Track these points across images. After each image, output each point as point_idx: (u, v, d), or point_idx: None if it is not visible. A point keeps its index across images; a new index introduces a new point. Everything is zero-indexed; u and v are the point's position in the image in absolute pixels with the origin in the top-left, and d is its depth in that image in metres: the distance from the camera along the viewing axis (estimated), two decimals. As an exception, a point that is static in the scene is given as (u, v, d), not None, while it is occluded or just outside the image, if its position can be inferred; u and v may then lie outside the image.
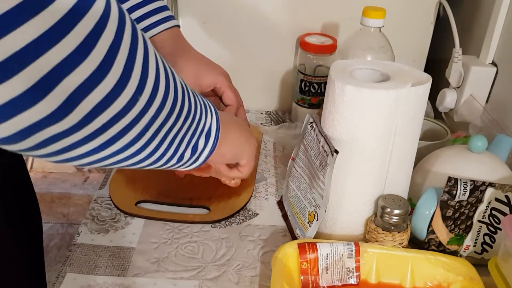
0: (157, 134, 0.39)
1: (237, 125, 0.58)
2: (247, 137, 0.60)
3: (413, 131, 0.58)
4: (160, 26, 0.71)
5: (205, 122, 0.47)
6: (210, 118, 0.49)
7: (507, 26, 0.79)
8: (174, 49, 0.72)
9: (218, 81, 0.72)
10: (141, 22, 0.71)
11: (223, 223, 0.67)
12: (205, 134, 0.48)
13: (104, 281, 0.57)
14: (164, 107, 0.38)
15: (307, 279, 0.55)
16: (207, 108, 0.49)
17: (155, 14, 0.71)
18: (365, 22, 0.74)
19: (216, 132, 0.49)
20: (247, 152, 0.60)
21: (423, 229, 0.59)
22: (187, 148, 0.45)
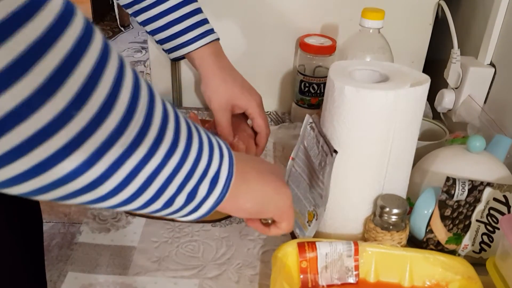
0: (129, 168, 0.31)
1: (261, 172, 0.48)
2: (276, 187, 0.49)
3: (411, 131, 0.59)
4: (198, 42, 0.70)
5: (209, 165, 0.39)
6: (218, 161, 0.40)
7: (505, 27, 0.80)
8: (212, 67, 0.71)
9: (250, 107, 0.71)
10: (180, 36, 0.70)
11: (224, 222, 0.67)
12: (210, 180, 0.39)
13: (105, 280, 0.57)
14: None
15: (307, 278, 0.56)
16: (216, 150, 0.41)
17: (194, 28, 0.70)
18: (364, 23, 0.74)
19: (227, 179, 0.41)
20: (276, 205, 0.50)
21: (422, 228, 0.60)
22: (178, 194, 0.37)
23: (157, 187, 0.34)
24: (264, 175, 0.48)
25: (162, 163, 0.33)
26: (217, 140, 0.42)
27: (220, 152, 0.41)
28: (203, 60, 0.72)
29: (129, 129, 0.30)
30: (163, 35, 0.71)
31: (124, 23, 3.43)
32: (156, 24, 0.70)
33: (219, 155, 0.41)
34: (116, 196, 0.32)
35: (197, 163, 0.37)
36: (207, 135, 0.40)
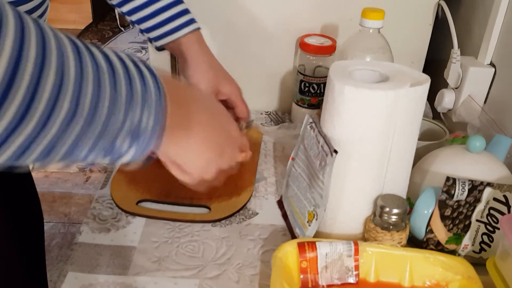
0: None
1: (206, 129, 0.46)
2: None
3: (411, 131, 0.59)
4: (185, 29, 0.74)
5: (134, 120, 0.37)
6: (147, 116, 0.38)
7: (505, 27, 0.80)
8: (199, 52, 0.75)
9: (233, 93, 0.74)
10: (166, 25, 0.73)
11: (224, 222, 0.67)
12: (131, 135, 0.38)
13: (106, 280, 0.57)
14: None
15: (307, 278, 0.56)
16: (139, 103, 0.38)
17: (179, 17, 0.74)
18: (364, 23, 0.74)
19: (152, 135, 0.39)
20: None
21: (422, 228, 0.60)
22: (91, 152, 0.36)
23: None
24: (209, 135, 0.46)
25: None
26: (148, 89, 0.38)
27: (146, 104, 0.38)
28: (190, 46, 0.74)
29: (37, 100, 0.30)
30: (149, 23, 0.74)
31: (124, 23, 3.43)
32: (142, 13, 0.73)
33: (147, 110, 0.38)
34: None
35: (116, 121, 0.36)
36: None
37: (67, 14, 3.50)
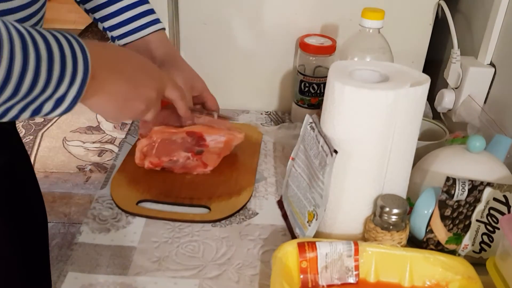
0: None
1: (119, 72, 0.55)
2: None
3: (411, 131, 0.59)
4: (150, 28, 0.75)
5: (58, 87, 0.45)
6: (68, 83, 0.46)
7: (505, 27, 0.80)
8: (167, 51, 0.76)
9: (204, 89, 0.77)
10: (130, 23, 0.74)
11: (224, 222, 0.67)
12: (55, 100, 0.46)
13: (106, 280, 0.57)
14: None
15: (307, 278, 0.56)
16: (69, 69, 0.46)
17: (144, 16, 0.75)
18: (364, 23, 0.74)
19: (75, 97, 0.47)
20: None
21: (422, 228, 0.60)
22: (22, 112, 0.45)
23: None
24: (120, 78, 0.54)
25: None
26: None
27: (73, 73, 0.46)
28: (157, 45, 0.76)
29: None
30: (113, 21, 0.75)
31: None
32: (106, 11, 0.74)
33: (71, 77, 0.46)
34: None
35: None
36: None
37: (67, 14, 3.50)
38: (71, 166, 2.19)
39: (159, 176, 0.74)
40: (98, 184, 2.01)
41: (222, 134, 0.76)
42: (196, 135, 0.75)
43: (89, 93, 0.50)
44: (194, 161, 0.75)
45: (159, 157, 0.74)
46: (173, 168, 0.75)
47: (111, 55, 0.55)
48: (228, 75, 0.95)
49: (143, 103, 0.59)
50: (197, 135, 0.75)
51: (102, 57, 0.52)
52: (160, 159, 0.74)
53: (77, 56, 0.46)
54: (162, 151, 0.74)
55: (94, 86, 0.50)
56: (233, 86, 0.98)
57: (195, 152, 0.75)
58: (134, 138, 0.85)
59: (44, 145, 2.31)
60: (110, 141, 2.38)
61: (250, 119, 0.96)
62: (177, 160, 0.74)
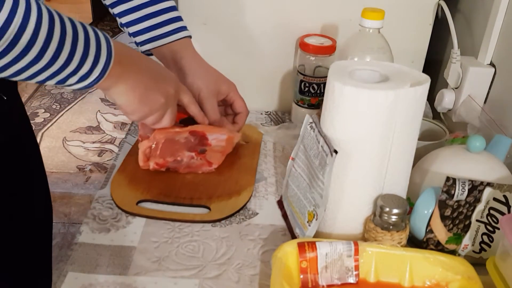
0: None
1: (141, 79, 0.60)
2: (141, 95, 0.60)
3: (411, 131, 0.59)
4: (175, 35, 0.75)
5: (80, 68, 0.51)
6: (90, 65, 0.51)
7: (505, 27, 0.80)
8: (194, 59, 0.77)
9: (231, 90, 0.78)
10: (156, 29, 0.75)
11: (224, 222, 0.67)
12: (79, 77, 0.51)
13: (106, 280, 0.57)
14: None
15: (307, 278, 0.56)
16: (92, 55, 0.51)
17: (170, 23, 0.75)
18: (364, 23, 0.74)
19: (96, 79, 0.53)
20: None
21: (422, 228, 0.60)
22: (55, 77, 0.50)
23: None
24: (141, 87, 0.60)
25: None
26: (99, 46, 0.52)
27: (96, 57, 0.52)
28: (186, 52, 0.77)
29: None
30: (139, 26, 0.75)
31: (124, 23, 3.42)
32: (133, 16, 0.75)
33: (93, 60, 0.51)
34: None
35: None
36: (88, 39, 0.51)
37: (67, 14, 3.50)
38: (71, 166, 2.19)
39: (159, 176, 0.74)
40: (98, 184, 2.02)
41: (223, 133, 0.76)
42: (199, 134, 0.75)
43: (113, 78, 0.55)
44: (198, 160, 0.75)
45: (163, 157, 0.73)
46: (178, 168, 0.75)
47: (133, 52, 0.60)
48: (228, 75, 0.95)
49: (162, 96, 0.63)
50: (200, 135, 0.75)
51: (125, 50, 0.57)
52: (165, 159, 0.74)
53: (100, 41, 0.52)
54: (166, 151, 0.73)
55: (118, 72, 0.55)
56: (233, 86, 0.98)
57: (199, 151, 0.75)
58: (134, 138, 0.85)
59: (44, 145, 2.31)
60: (110, 141, 2.38)
61: (250, 119, 0.96)
62: (182, 160, 0.74)
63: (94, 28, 0.53)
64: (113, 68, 0.53)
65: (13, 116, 0.74)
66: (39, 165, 0.84)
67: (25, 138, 0.80)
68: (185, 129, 0.74)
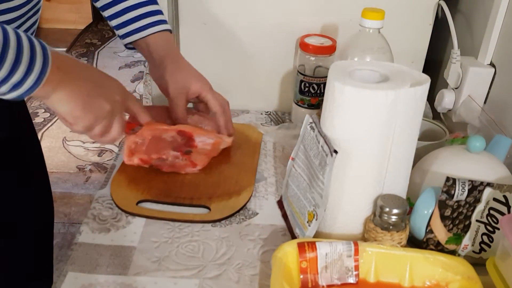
0: None
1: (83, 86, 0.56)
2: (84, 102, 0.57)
3: (411, 132, 0.59)
4: (151, 28, 0.74)
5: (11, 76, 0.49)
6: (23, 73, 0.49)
7: (505, 27, 0.80)
8: (167, 53, 0.75)
9: (203, 90, 0.76)
10: (134, 22, 0.74)
11: (224, 222, 0.67)
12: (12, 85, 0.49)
13: (106, 280, 0.57)
14: None
15: (307, 278, 0.56)
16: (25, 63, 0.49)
17: (148, 16, 0.74)
18: (364, 23, 0.74)
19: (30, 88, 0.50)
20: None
21: (422, 228, 0.60)
22: None
23: None
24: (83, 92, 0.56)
25: None
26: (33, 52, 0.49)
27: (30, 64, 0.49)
28: (157, 46, 0.75)
29: None
30: (120, 20, 0.75)
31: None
32: (114, 9, 0.75)
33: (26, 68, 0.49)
34: None
35: None
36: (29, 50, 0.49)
37: (67, 14, 3.50)
38: (71, 166, 2.19)
39: (159, 176, 0.74)
40: (98, 184, 2.02)
41: (211, 137, 0.76)
42: (186, 135, 0.74)
43: (52, 84, 0.52)
44: (183, 160, 0.75)
45: (148, 154, 0.73)
46: (161, 166, 0.74)
47: (73, 60, 0.57)
48: (228, 75, 0.95)
49: (107, 102, 0.59)
50: (187, 135, 0.75)
51: (64, 58, 0.55)
52: (149, 156, 0.73)
53: (35, 48, 0.50)
54: (152, 148, 0.73)
55: (57, 78, 0.52)
56: (233, 86, 0.97)
57: (184, 152, 0.75)
58: (134, 138, 0.85)
59: (44, 145, 2.31)
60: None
61: (250, 119, 0.96)
62: (166, 159, 0.74)
63: (30, 35, 0.51)
64: (51, 74, 0.51)
65: (13, 112, 0.74)
66: (40, 163, 0.84)
67: (26, 135, 0.80)
68: (173, 127, 0.74)
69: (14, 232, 0.75)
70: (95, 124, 0.59)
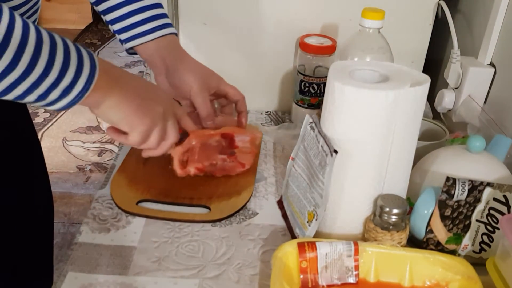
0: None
1: (129, 94, 0.56)
2: (136, 110, 0.57)
3: (411, 131, 0.59)
4: (157, 33, 0.74)
5: (62, 78, 0.48)
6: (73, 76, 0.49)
7: (505, 27, 0.80)
8: (176, 55, 0.75)
9: (221, 82, 0.77)
10: (139, 26, 0.73)
11: (224, 222, 0.67)
12: (62, 89, 0.48)
13: (106, 280, 0.57)
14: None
15: (307, 278, 0.56)
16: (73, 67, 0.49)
17: (152, 20, 0.74)
18: (364, 23, 0.74)
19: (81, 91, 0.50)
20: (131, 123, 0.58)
21: (422, 228, 0.60)
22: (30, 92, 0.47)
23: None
24: (130, 98, 0.56)
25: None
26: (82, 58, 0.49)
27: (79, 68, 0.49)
28: (173, 49, 0.75)
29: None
30: (123, 24, 0.74)
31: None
32: (117, 13, 0.74)
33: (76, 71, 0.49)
34: None
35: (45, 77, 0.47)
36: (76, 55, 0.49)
37: (67, 14, 3.51)
38: (71, 166, 2.19)
39: (159, 176, 0.74)
40: (98, 184, 2.02)
41: (246, 134, 0.77)
42: (229, 136, 0.75)
43: (102, 90, 0.52)
44: (231, 162, 0.75)
45: (201, 162, 0.73)
46: (214, 172, 0.74)
47: (118, 68, 0.56)
48: (228, 75, 0.95)
49: (160, 105, 0.59)
50: (229, 137, 0.75)
51: (109, 64, 0.54)
52: (203, 164, 0.73)
53: (82, 52, 0.50)
54: (202, 156, 0.73)
55: (106, 84, 0.52)
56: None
57: (229, 154, 0.75)
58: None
59: (44, 145, 2.31)
60: (110, 141, 2.38)
61: (250, 119, 0.96)
62: (216, 163, 0.74)
63: (74, 42, 0.51)
64: (100, 79, 0.50)
65: (14, 112, 0.75)
66: (40, 163, 0.84)
67: (27, 135, 0.80)
68: (217, 131, 0.74)
69: (14, 232, 0.75)
70: (152, 128, 0.59)
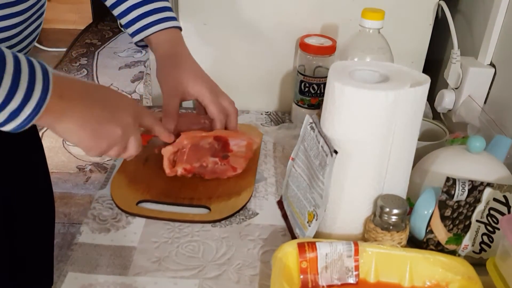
0: None
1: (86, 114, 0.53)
2: (95, 130, 0.54)
3: (411, 132, 0.59)
4: (156, 26, 0.72)
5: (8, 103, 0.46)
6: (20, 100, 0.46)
7: (505, 27, 0.80)
8: (167, 52, 0.73)
9: (201, 94, 0.73)
10: (142, 19, 0.73)
11: (224, 222, 0.67)
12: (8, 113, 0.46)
13: (106, 280, 0.57)
14: None
15: (307, 278, 0.56)
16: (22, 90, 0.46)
17: (153, 14, 0.73)
18: (364, 24, 0.74)
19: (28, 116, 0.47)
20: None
21: (422, 228, 0.60)
22: None
23: None
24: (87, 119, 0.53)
25: None
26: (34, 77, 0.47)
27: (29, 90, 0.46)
28: (158, 45, 0.74)
29: None
30: (128, 17, 0.74)
31: (124, 23, 3.42)
32: (122, 7, 0.74)
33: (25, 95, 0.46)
34: None
35: None
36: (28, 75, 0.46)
37: (67, 14, 3.50)
38: (71, 166, 2.19)
39: (159, 176, 0.74)
40: (98, 184, 2.01)
41: (243, 139, 0.76)
42: (222, 140, 0.75)
43: (55, 114, 0.49)
44: (222, 165, 0.74)
45: (190, 163, 0.73)
46: (203, 174, 0.74)
47: (79, 82, 0.54)
48: (228, 75, 0.95)
49: (118, 127, 0.56)
50: (223, 140, 0.75)
51: (69, 81, 0.52)
52: (191, 165, 0.73)
53: (35, 72, 0.47)
54: (192, 157, 0.73)
55: (60, 108, 0.49)
56: (233, 86, 0.97)
57: (222, 157, 0.75)
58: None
59: (44, 145, 2.30)
60: (110, 141, 2.38)
61: (250, 119, 0.96)
62: (207, 166, 0.74)
63: (30, 58, 0.48)
64: (52, 103, 0.48)
65: None
66: (42, 163, 0.84)
67: (28, 135, 0.80)
68: (210, 133, 0.74)
69: (15, 232, 0.75)
70: (109, 149, 0.57)
